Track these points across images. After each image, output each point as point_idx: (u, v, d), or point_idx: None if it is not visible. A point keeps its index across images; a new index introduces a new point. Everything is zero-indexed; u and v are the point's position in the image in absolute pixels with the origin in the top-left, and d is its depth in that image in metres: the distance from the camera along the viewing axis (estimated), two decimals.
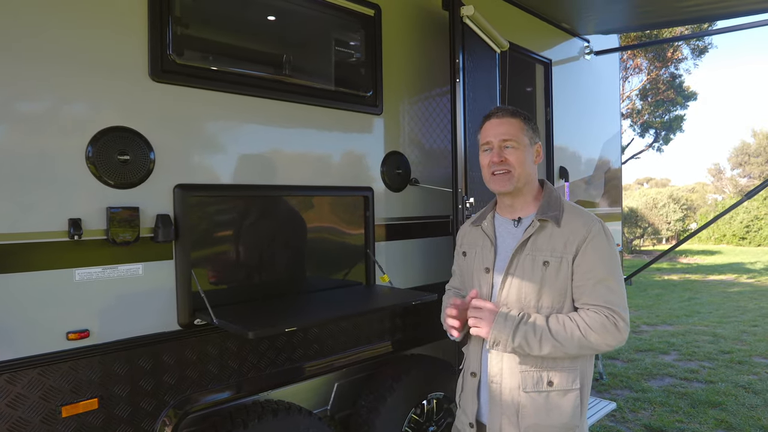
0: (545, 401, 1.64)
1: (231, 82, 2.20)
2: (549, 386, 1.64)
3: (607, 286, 1.61)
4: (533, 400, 1.64)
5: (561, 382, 1.65)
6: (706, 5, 3.99)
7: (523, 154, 1.71)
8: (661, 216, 21.84)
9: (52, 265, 1.72)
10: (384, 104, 2.84)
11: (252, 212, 2.32)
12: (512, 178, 1.70)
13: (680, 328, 7.60)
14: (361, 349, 2.68)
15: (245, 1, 2.34)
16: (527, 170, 1.72)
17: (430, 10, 3.10)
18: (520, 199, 1.76)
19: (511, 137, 1.70)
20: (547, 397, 1.65)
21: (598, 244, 1.63)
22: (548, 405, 1.64)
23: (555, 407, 1.64)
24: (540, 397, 1.65)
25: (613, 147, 5.51)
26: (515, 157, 1.70)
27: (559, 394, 1.65)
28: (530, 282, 1.65)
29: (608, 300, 1.60)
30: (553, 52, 4.47)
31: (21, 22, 1.68)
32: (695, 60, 15.95)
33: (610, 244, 1.66)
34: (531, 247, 1.68)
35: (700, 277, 13.64)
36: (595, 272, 1.62)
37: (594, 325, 1.57)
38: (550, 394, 1.65)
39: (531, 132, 1.74)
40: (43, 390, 1.68)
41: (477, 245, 1.84)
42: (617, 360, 5.99)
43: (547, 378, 1.65)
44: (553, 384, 1.64)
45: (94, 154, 1.81)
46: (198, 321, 2.04)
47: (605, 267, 1.62)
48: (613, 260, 1.64)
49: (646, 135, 17.56)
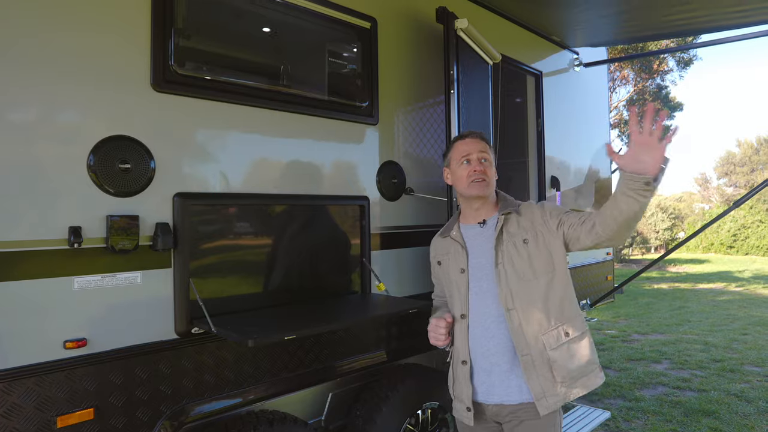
0: (568, 350, 1.95)
1: (231, 92, 2.22)
2: (566, 337, 1.96)
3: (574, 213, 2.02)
4: (560, 353, 1.94)
5: (574, 330, 1.97)
6: (691, 19, 4.10)
7: (492, 168, 2.11)
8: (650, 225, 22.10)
9: (51, 274, 1.72)
10: (380, 115, 2.88)
11: (250, 221, 2.33)
12: (488, 185, 2.07)
13: (671, 337, 7.67)
14: (356, 358, 2.69)
15: (246, 14, 2.37)
16: (494, 181, 2.12)
17: (425, 22, 3.16)
18: (486, 204, 2.11)
19: (486, 153, 2.11)
20: (569, 346, 1.96)
21: (546, 204, 2.08)
22: (571, 352, 1.96)
23: (577, 351, 1.97)
24: (564, 348, 1.95)
25: (603, 157, 5.60)
26: (489, 170, 2.09)
27: (578, 339, 1.98)
28: (520, 261, 1.97)
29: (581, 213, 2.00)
30: (544, 64, 4.56)
31: (24, 30, 1.70)
32: (681, 72, 16.25)
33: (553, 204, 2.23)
34: (506, 237, 2.01)
35: (689, 285, 13.79)
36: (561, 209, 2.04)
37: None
38: (571, 342, 1.96)
39: (492, 152, 2.16)
40: (38, 400, 1.67)
41: (449, 252, 2.13)
42: (609, 369, 6.03)
43: (563, 331, 1.96)
44: (570, 334, 1.96)
45: (96, 162, 1.82)
46: (195, 330, 2.04)
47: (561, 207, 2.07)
48: None
49: None
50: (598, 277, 5.28)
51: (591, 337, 2.04)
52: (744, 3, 3.74)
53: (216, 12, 2.29)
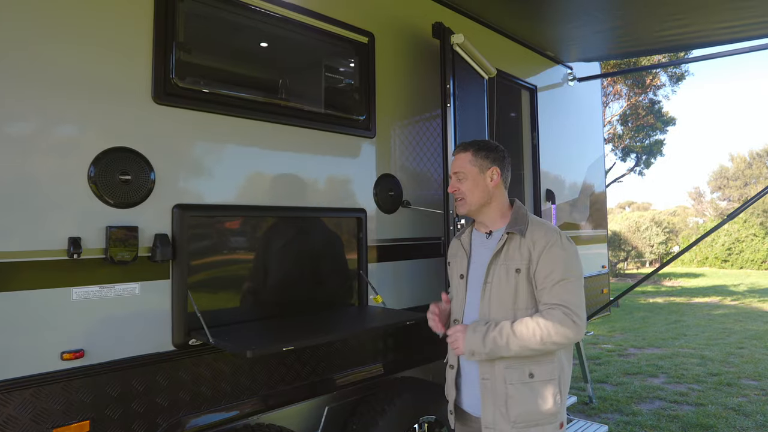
0: (530, 391, 1.85)
1: (231, 105, 2.26)
2: (531, 378, 1.85)
3: (563, 287, 1.85)
4: (518, 391, 1.85)
5: (541, 373, 1.86)
6: (683, 35, 4.19)
7: (471, 183, 1.99)
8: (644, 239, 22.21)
9: (50, 284, 1.73)
10: (377, 128, 2.92)
11: (248, 233, 2.34)
12: (465, 204, 2.01)
13: (668, 351, 7.68)
14: (353, 371, 2.69)
15: (245, 29, 2.41)
16: (479, 194, 1.99)
17: (422, 38, 3.21)
18: (486, 217, 2.03)
19: (459, 169, 2.02)
20: (531, 387, 1.85)
21: (556, 251, 1.88)
22: (532, 394, 1.85)
23: (538, 396, 1.85)
24: (525, 388, 1.85)
25: (597, 171, 5.66)
26: (465, 186, 2.00)
27: (541, 384, 1.86)
28: (506, 288, 1.90)
29: (564, 299, 1.83)
30: (539, 79, 4.63)
31: (29, 43, 1.73)
32: (673, 86, 16.49)
33: (566, 252, 1.89)
34: (504, 258, 1.93)
35: (684, 299, 13.83)
36: (552, 276, 1.85)
37: (553, 322, 1.79)
38: (533, 384, 1.85)
39: (481, 160, 2.00)
40: (35, 412, 1.67)
41: (457, 255, 2.12)
42: (606, 384, 6.03)
43: (528, 371, 1.86)
44: (534, 375, 1.86)
45: (96, 173, 1.84)
46: (193, 341, 2.04)
47: (562, 271, 1.86)
48: (570, 265, 1.88)
49: (628, 159, 17.98)
50: (594, 290, 5.31)
51: (560, 390, 1.89)
52: (734, 18, 3.82)
53: (216, 27, 2.33)
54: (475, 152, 2.01)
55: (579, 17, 3.84)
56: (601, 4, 3.59)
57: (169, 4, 2.07)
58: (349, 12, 2.80)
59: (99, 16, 1.90)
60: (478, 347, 1.83)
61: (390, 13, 3.09)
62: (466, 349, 1.86)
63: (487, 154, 2.01)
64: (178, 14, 2.10)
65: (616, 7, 3.65)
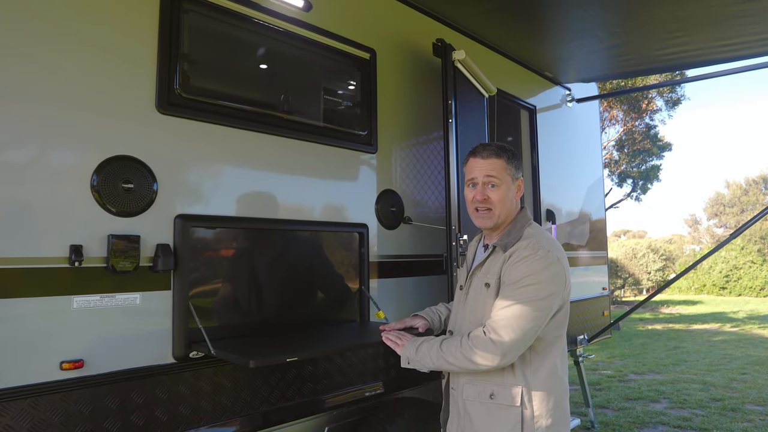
0: (486, 412, 1.75)
1: (234, 117, 2.29)
2: (491, 399, 1.75)
3: (504, 305, 1.69)
4: (476, 409, 1.77)
5: (502, 397, 1.74)
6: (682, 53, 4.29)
7: (504, 193, 1.82)
8: (641, 266, 22.27)
9: (50, 292, 1.72)
10: (378, 143, 2.96)
11: (251, 245, 2.35)
12: (493, 216, 1.83)
13: (669, 377, 7.64)
14: (353, 388, 2.67)
15: (249, 42, 2.46)
16: (507, 206, 1.84)
17: (423, 55, 3.29)
18: (499, 231, 1.89)
19: (495, 175, 1.82)
20: (489, 408, 1.75)
21: (526, 262, 1.70)
22: (489, 416, 1.75)
23: (495, 419, 1.74)
24: (482, 407, 1.76)
25: (597, 192, 5.73)
26: (497, 195, 1.82)
27: (500, 408, 1.73)
28: (477, 300, 1.83)
29: (495, 316, 1.70)
30: (538, 99, 4.72)
31: (35, 52, 1.76)
32: (669, 111, 16.77)
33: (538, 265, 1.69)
34: (483, 271, 1.84)
35: (683, 326, 13.82)
36: (504, 291, 1.73)
37: (474, 341, 1.70)
38: (492, 406, 1.75)
39: (513, 169, 1.85)
40: (32, 422, 1.64)
41: (463, 265, 2.08)
42: (607, 409, 5.98)
43: (489, 390, 1.76)
44: (495, 397, 1.75)
45: (99, 181, 1.86)
46: (193, 354, 2.03)
47: (516, 279, 1.70)
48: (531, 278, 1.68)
49: (624, 185, 18.16)
50: (595, 312, 5.32)
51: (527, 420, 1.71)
52: (736, 35, 3.90)
53: (220, 39, 2.38)
54: (510, 159, 1.84)
55: (577, 36, 3.94)
56: (600, 23, 3.68)
57: (173, 16, 2.11)
58: (351, 28, 2.87)
59: (105, 26, 1.94)
60: (411, 354, 1.84)
61: (392, 31, 3.16)
62: (402, 355, 1.88)
63: (517, 163, 1.86)
64: (182, 26, 2.15)
65: (615, 26, 3.74)
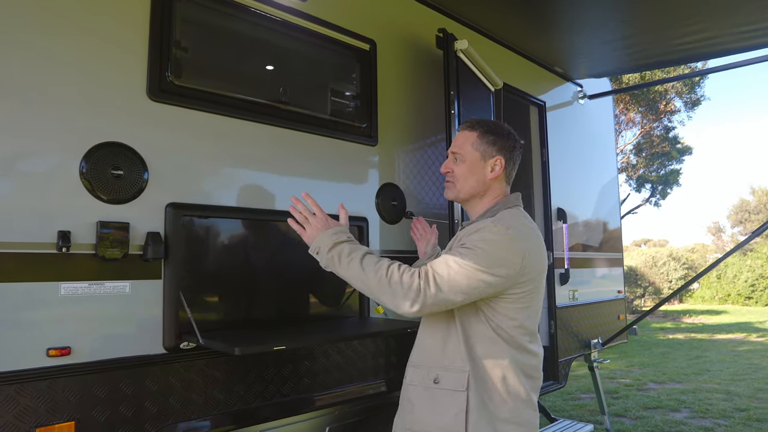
0: (430, 398, 1.68)
1: (227, 106, 2.30)
2: (435, 384, 1.68)
3: (446, 261, 1.61)
4: (419, 395, 1.71)
5: (447, 381, 1.66)
6: (698, 42, 4.14)
7: (467, 169, 1.78)
8: (662, 274, 21.95)
9: (37, 277, 1.73)
10: (379, 136, 2.95)
11: (244, 236, 2.35)
12: (454, 189, 1.83)
13: (690, 386, 7.50)
14: (354, 385, 2.64)
15: (244, 30, 2.48)
16: (472, 183, 1.79)
17: (426, 47, 3.29)
18: (474, 210, 1.85)
19: (458, 150, 1.81)
20: (432, 394, 1.68)
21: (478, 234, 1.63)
22: (431, 402, 1.67)
23: (438, 405, 1.66)
24: (426, 393, 1.69)
25: (611, 191, 5.66)
26: (459, 170, 1.80)
27: (444, 393, 1.65)
28: None
29: (434, 267, 1.60)
30: (548, 96, 4.69)
31: (25, 34, 1.78)
32: (689, 112, 16.58)
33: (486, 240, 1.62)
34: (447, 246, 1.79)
35: (706, 336, 13.57)
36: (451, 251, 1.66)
37: (402, 277, 1.57)
38: (435, 391, 1.67)
39: (487, 145, 1.78)
40: (18, 409, 1.65)
41: None
42: (625, 417, 5.88)
43: (433, 375, 1.69)
44: (439, 382, 1.67)
45: (88, 167, 1.87)
46: (184, 344, 2.02)
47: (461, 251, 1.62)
48: (476, 249, 1.59)
49: (642, 190, 17.97)
50: (610, 315, 5.24)
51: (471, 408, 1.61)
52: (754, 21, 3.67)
53: (214, 28, 2.40)
54: (482, 134, 1.79)
55: (585, 26, 3.88)
56: (608, 11, 3.61)
57: (166, 3, 2.13)
58: (350, 18, 2.87)
59: (96, 11, 1.96)
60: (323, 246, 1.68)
61: (393, 22, 3.17)
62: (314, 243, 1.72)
63: (495, 139, 1.79)
64: (175, 13, 2.17)
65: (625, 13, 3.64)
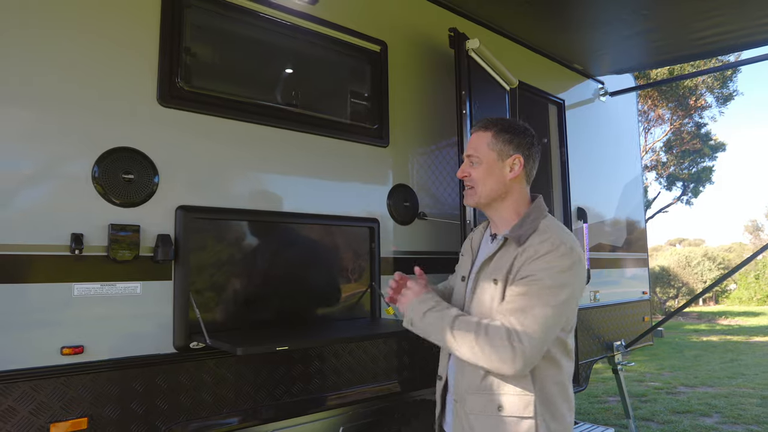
0: (496, 427, 1.60)
1: (236, 110, 2.36)
2: (499, 411, 1.60)
3: (525, 291, 1.55)
4: (482, 425, 1.61)
5: (511, 407, 1.58)
6: (723, 35, 4.01)
7: (486, 171, 1.72)
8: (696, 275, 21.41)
9: (51, 279, 1.81)
10: (390, 137, 2.97)
11: (254, 238, 2.40)
12: (475, 194, 1.75)
13: (722, 390, 7.31)
14: (366, 386, 2.67)
15: (253, 35, 2.53)
16: (492, 186, 1.72)
17: (438, 48, 3.29)
18: (497, 215, 1.77)
19: (473, 152, 1.75)
20: (498, 423, 1.59)
21: (546, 258, 1.56)
22: (498, 431, 1.59)
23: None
24: (490, 422, 1.61)
25: (635, 190, 5.57)
26: (477, 172, 1.73)
27: (512, 421, 1.58)
28: (484, 297, 1.68)
29: (515, 318, 1.53)
30: (567, 94, 4.64)
31: (36, 42, 1.87)
32: (720, 108, 16.13)
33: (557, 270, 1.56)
34: (492, 266, 1.68)
35: (743, 338, 13.18)
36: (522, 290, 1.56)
37: (492, 338, 1.52)
38: (502, 419, 1.59)
39: (503, 144, 1.72)
40: (34, 405, 1.72)
41: (465, 254, 1.91)
42: (652, 422, 5.77)
43: (496, 402, 1.60)
44: (503, 409, 1.59)
45: (100, 172, 1.94)
46: (194, 344, 2.08)
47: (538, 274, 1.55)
48: (553, 274, 1.55)
49: (674, 188, 17.55)
50: (634, 317, 5.15)
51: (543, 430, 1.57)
52: None
53: (223, 33, 2.46)
54: (497, 134, 1.73)
55: (604, 22, 3.81)
56: (625, 4, 3.54)
57: (176, 9, 2.20)
58: (360, 20, 2.91)
59: (107, 18, 2.04)
60: (417, 319, 1.68)
61: (404, 22, 3.19)
62: (406, 314, 1.72)
63: (511, 137, 1.72)
64: (184, 20, 2.23)
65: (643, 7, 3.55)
